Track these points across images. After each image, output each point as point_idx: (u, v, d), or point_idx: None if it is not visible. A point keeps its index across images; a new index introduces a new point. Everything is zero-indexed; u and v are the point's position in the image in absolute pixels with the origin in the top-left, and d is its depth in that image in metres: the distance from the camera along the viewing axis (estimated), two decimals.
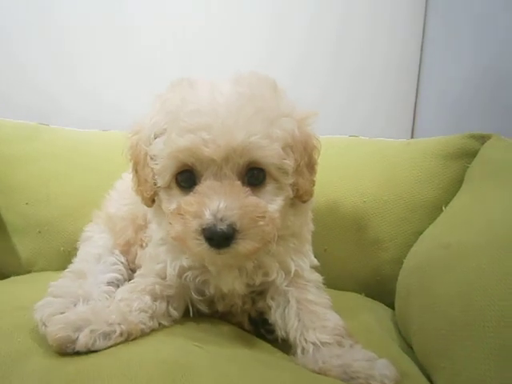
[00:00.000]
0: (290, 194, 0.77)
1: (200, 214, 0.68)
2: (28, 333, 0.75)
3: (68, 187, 1.25)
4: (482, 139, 1.06)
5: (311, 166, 0.81)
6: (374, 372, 0.71)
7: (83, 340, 0.69)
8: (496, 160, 0.96)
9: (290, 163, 0.74)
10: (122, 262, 1.00)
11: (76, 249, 1.14)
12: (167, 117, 0.74)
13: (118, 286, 0.93)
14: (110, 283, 0.93)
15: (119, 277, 0.96)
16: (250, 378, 0.67)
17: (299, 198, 0.80)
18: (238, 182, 0.72)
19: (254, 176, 0.74)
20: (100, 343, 0.71)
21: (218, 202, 0.68)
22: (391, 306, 1.07)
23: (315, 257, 0.90)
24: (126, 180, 1.08)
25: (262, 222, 0.70)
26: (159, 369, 0.66)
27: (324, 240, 1.14)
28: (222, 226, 0.67)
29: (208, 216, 0.67)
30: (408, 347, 0.87)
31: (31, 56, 1.58)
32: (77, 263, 0.98)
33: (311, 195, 0.81)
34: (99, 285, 0.90)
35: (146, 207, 0.90)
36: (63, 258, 1.21)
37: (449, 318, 0.70)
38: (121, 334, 0.73)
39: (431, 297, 0.76)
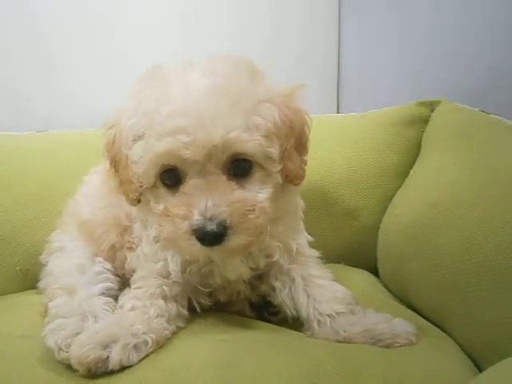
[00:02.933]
0: (280, 180, 0.76)
1: (189, 215, 0.67)
2: (38, 362, 0.68)
3: (17, 197, 1.12)
4: (431, 105, 1.15)
5: (302, 145, 0.80)
6: (397, 331, 0.76)
7: (117, 357, 0.65)
8: (448, 123, 1.06)
9: (274, 151, 0.72)
10: (108, 270, 0.92)
11: (36, 265, 1.04)
12: (143, 119, 0.70)
13: (111, 296, 0.87)
14: (103, 294, 0.86)
15: (111, 285, 0.89)
16: (291, 360, 0.68)
17: (290, 182, 0.79)
18: (224, 177, 0.70)
19: (239, 167, 0.72)
20: (133, 357, 0.67)
21: (205, 201, 0.67)
22: (370, 270, 1.14)
23: None
24: (92, 183, 1.01)
25: (252, 215, 0.69)
26: (206, 368, 0.65)
27: None
28: (212, 226, 0.66)
29: (197, 217, 0.66)
30: (405, 305, 0.94)
31: None
32: (61, 278, 0.88)
33: (302, 178, 0.80)
34: (94, 298, 0.83)
35: (128, 206, 0.85)
36: (20, 279, 1.10)
37: (456, 268, 0.76)
38: (151, 344, 0.70)
39: (432, 253, 0.83)
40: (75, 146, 1.22)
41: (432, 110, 1.15)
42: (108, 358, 0.64)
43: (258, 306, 0.91)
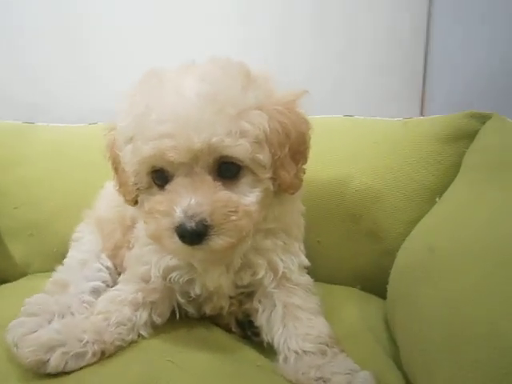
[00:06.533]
0: (270, 187, 0.74)
1: (170, 212, 0.68)
2: (6, 353, 0.73)
3: (56, 188, 1.24)
4: (483, 119, 0.96)
5: (300, 153, 0.77)
6: None
7: (54, 363, 0.68)
8: (495, 146, 0.88)
9: (263, 157, 0.71)
10: (107, 267, 0.98)
11: None
12: (133, 123, 0.72)
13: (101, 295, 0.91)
14: (92, 292, 0.92)
15: (102, 285, 0.94)
16: None
17: (284, 191, 0.77)
18: (209, 177, 0.70)
19: (227, 169, 0.72)
20: (72, 365, 0.70)
21: (188, 198, 0.67)
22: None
23: (308, 248, 0.87)
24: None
25: (234, 217, 0.68)
26: None
27: (317, 231, 1.09)
28: (191, 224, 0.65)
29: (179, 214, 0.66)
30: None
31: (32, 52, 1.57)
32: (61, 272, 0.97)
33: (297, 188, 0.78)
34: (81, 295, 0.89)
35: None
36: (58, 259, 1.20)
37: (431, 330, 0.64)
38: (94, 355, 0.73)
39: (414, 306, 0.71)
40: None
41: (483, 124, 0.96)
42: (48, 361, 0.68)
43: (242, 323, 0.90)
